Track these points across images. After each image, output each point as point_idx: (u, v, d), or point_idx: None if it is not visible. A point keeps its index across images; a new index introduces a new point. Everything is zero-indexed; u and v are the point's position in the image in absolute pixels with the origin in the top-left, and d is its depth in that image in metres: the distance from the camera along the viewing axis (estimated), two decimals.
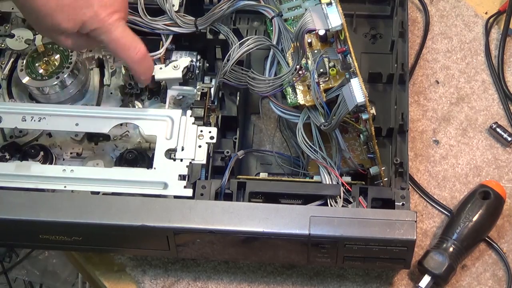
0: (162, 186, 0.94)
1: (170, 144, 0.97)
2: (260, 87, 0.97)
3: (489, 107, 1.10)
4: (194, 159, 0.96)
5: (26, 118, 0.99)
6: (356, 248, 0.91)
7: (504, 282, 0.97)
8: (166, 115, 0.99)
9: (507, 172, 1.05)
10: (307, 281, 0.98)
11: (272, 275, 0.99)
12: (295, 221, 0.90)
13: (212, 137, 0.98)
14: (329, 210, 0.92)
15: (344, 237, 0.90)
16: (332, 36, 0.95)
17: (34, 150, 1.01)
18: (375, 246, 0.91)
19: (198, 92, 1.02)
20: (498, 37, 1.14)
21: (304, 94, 0.95)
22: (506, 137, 1.06)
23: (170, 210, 0.91)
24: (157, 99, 1.07)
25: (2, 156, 1.01)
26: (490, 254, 0.99)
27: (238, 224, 0.90)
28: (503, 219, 1.00)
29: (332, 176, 0.95)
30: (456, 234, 0.96)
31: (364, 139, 0.96)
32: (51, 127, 0.99)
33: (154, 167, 0.96)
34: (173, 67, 1.03)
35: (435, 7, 1.18)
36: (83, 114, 0.99)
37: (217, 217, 0.91)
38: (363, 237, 0.90)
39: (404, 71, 1.00)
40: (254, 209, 0.91)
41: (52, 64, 1.05)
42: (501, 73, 1.11)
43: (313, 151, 0.96)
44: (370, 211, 0.92)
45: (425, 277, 0.96)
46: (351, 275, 0.98)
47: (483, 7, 1.18)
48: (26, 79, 1.04)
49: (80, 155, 1.03)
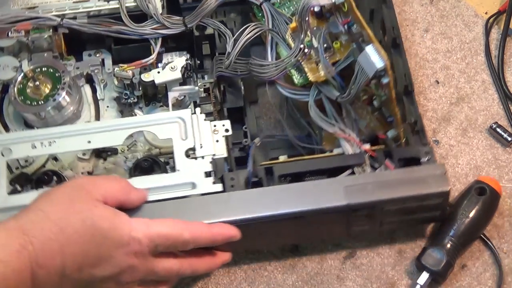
0: (191, 187, 0.94)
1: (187, 144, 0.96)
2: (266, 72, 0.98)
3: (489, 107, 1.09)
4: (215, 154, 0.96)
5: (36, 144, 0.97)
6: (394, 209, 0.93)
7: (503, 282, 0.97)
8: (176, 116, 0.98)
9: (507, 172, 1.04)
10: (307, 281, 0.98)
11: (273, 274, 0.99)
12: (332, 194, 0.91)
13: (227, 130, 0.98)
14: (360, 178, 0.93)
15: (382, 200, 0.91)
16: (327, 11, 0.96)
17: (47, 176, 0.99)
18: (412, 204, 0.92)
19: (201, 88, 1.01)
20: (498, 37, 1.14)
21: (313, 71, 0.96)
22: (506, 137, 1.06)
23: (207, 207, 0.91)
24: (154, 105, 1.06)
25: (13, 189, 0.98)
26: (490, 254, 0.98)
27: (279, 207, 0.90)
28: (503, 219, 1.01)
29: (354, 146, 0.96)
30: (453, 230, 0.96)
31: (378, 104, 0.97)
32: (63, 149, 0.97)
33: (178, 169, 0.95)
34: (171, 68, 1.03)
35: (435, 7, 1.17)
36: (93, 130, 0.98)
37: (256, 204, 0.91)
38: (399, 197, 0.91)
39: (395, 34, 1.02)
40: (289, 190, 0.92)
41: (44, 88, 1.03)
42: (501, 73, 1.11)
43: (330, 124, 0.96)
44: (400, 172, 0.93)
45: (423, 274, 0.95)
46: (351, 275, 0.98)
47: (483, 7, 1.17)
48: (22, 107, 1.02)
49: (91, 173, 1.01)
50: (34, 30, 1.05)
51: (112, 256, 0.84)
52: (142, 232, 0.85)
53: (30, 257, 0.81)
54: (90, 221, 0.83)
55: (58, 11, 1.06)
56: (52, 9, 1.06)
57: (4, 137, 0.98)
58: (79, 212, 0.84)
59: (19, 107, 1.02)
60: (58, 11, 1.06)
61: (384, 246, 0.99)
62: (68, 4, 1.06)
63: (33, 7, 1.06)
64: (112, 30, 1.04)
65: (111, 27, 1.04)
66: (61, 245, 0.82)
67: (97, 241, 0.84)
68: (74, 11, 1.06)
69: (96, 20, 1.05)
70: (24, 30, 1.05)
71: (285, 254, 1.00)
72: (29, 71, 1.03)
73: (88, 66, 1.08)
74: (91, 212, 0.84)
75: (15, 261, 0.80)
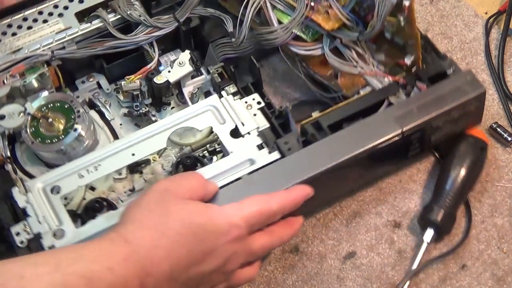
0: (249, 163, 0.94)
1: (228, 127, 0.97)
2: (276, 37, 1.00)
3: (489, 107, 1.09)
4: (259, 126, 0.97)
5: (82, 173, 0.95)
6: (441, 124, 0.97)
7: (503, 282, 0.97)
8: (206, 105, 0.99)
9: (507, 172, 1.04)
10: (307, 281, 0.98)
11: (273, 274, 1.00)
12: (384, 126, 0.94)
13: (259, 102, 0.99)
14: (403, 104, 0.96)
15: (431, 117, 0.95)
16: None
17: (99, 204, 0.96)
18: (455, 114, 0.97)
19: (215, 74, 1.02)
20: (498, 37, 1.14)
21: (326, 21, 0.99)
22: (506, 137, 1.05)
23: (276, 176, 0.92)
24: (165, 109, 1.06)
25: None
26: (490, 254, 0.99)
27: (344, 153, 0.93)
28: (503, 219, 1.01)
29: (381, 79, 0.99)
30: (449, 184, 0.98)
31: (391, 35, 1.00)
32: (111, 168, 0.96)
33: (231, 151, 0.95)
34: (179, 64, 1.03)
35: (435, 7, 1.18)
36: (133, 141, 0.97)
37: (322, 156, 0.93)
38: (445, 111, 0.96)
39: None
40: (345, 135, 0.94)
41: (58, 123, 1.00)
42: (501, 73, 1.11)
43: (353, 67, 0.99)
44: (435, 88, 0.97)
45: (428, 230, 0.98)
46: (351, 275, 0.98)
47: (483, 7, 1.18)
48: (42, 147, 0.99)
49: (133, 190, 1.00)
50: (28, 70, 1.03)
51: (216, 248, 0.84)
52: (238, 216, 0.85)
53: (137, 266, 0.79)
54: (188, 219, 0.83)
55: (45, 46, 1.04)
56: (38, 46, 1.04)
57: (47, 176, 0.96)
58: (175, 214, 0.83)
59: (40, 148, 0.99)
60: (45, 46, 1.04)
61: (384, 246, 1.00)
62: (51, 36, 1.04)
63: (18, 49, 1.04)
64: (106, 48, 1.03)
65: (103, 45, 1.03)
66: (167, 250, 0.81)
67: (200, 237, 0.83)
68: (60, 42, 1.04)
69: (85, 43, 1.04)
70: (19, 73, 1.02)
71: (285, 254, 1.00)
72: (37, 112, 1.01)
73: (86, 92, 1.07)
74: (186, 211, 0.84)
75: (123, 270, 0.78)
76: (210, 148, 1.00)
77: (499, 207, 1.02)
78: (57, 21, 1.06)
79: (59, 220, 0.93)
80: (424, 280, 0.97)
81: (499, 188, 1.03)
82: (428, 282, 0.97)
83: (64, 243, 0.91)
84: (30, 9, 1.07)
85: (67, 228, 0.92)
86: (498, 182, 1.03)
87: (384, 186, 1.03)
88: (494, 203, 1.02)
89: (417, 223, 1.00)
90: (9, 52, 1.03)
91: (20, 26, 1.06)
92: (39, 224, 0.92)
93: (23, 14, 1.07)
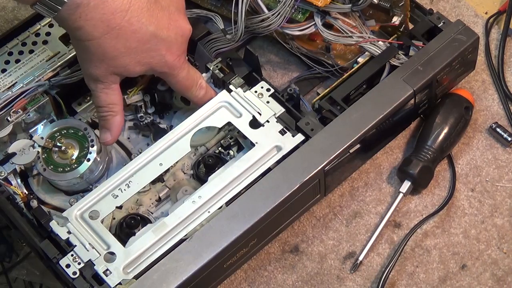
0: (276, 150, 0.96)
1: (246, 119, 0.98)
2: (270, 23, 1.01)
3: (489, 107, 1.09)
4: (275, 113, 0.98)
5: (116, 193, 0.95)
6: (445, 76, 1.01)
7: (503, 282, 0.98)
8: (218, 102, 1.00)
9: (507, 172, 1.04)
10: (307, 281, 0.99)
11: (273, 274, 1.00)
12: (395, 90, 0.98)
13: (269, 89, 1.00)
14: (406, 65, 1.00)
15: (437, 70, 0.99)
16: None
17: (134, 220, 0.96)
18: (457, 63, 1.01)
19: (215, 70, 1.02)
20: (498, 37, 1.14)
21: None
22: (506, 137, 1.05)
23: (305, 157, 0.94)
24: (168, 113, 1.06)
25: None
26: (490, 254, 0.99)
27: (364, 123, 0.96)
28: (503, 219, 1.01)
29: (378, 44, 1.02)
30: (430, 140, 1.01)
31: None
32: (143, 183, 0.96)
33: (256, 142, 0.97)
34: None
35: (435, 7, 1.15)
36: (157, 151, 0.97)
37: (346, 129, 0.96)
38: (447, 62, 1.00)
39: None
40: (361, 105, 0.97)
41: (71, 150, 0.99)
42: (501, 73, 1.10)
43: (348, 37, 1.02)
44: (432, 44, 1.01)
45: (405, 182, 1.00)
46: (351, 275, 0.99)
47: (483, 7, 1.17)
48: (59, 177, 0.99)
49: (160, 199, 1.00)
50: (30, 103, 1.01)
51: None
52: None
53: None
54: None
55: (39, 76, 1.02)
56: (32, 77, 1.02)
57: (82, 203, 0.95)
58: None
59: (57, 178, 0.98)
60: (39, 76, 1.02)
61: (384, 246, 1.01)
62: (42, 65, 1.03)
63: (12, 84, 1.02)
64: None
65: None
66: None
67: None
68: (53, 68, 1.03)
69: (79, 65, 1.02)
70: (21, 108, 1.00)
71: (285, 254, 1.01)
72: (47, 142, 0.99)
73: (86, 113, 1.06)
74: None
75: None
76: (224, 143, 1.01)
77: (499, 207, 1.02)
78: (43, 49, 1.05)
79: (106, 243, 0.92)
80: (424, 280, 0.99)
81: (499, 188, 1.04)
82: (428, 282, 0.98)
83: (117, 266, 0.91)
84: (12, 43, 1.05)
85: (116, 250, 0.92)
86: (498, 182, 1.04)
87: (384, 186, 1.05)
88: (494, 203, 1.03)
89: (396, 176, 1.03)
90: (4, 89, 1.02)
91: (8, 61, 1.04)
92: (87, 252, 0.91)
93: (7, 48, 1.05)
